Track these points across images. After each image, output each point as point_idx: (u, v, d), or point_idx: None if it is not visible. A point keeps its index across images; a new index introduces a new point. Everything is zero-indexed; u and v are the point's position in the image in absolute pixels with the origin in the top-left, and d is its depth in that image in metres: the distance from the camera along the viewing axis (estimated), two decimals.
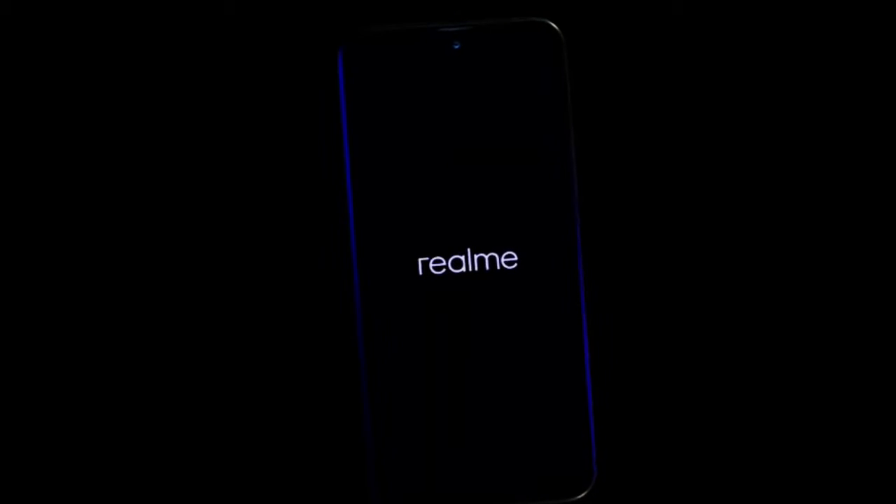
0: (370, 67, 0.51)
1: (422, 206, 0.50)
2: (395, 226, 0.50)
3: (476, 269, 0.50)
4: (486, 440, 0.49)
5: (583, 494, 0.49)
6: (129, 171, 0.51)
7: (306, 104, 0.52)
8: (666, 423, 0.51)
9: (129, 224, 0.51)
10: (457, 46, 0.52)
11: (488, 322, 0.50)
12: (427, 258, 0.50)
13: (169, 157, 0.51)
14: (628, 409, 0.51)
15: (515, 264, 0.50)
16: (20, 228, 0.50)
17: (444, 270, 0.50)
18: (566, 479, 0.49)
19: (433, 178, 0.51)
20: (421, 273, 0.50)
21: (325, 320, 0.51)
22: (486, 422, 0.49)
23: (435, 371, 0.50)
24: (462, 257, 0.50)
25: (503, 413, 0.49)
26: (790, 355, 0.52)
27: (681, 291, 0.52)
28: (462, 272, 0.50)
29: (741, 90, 0.52)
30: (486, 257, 0.50)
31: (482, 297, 0.50)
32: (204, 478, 0.51)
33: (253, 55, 0.52)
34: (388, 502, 0.49)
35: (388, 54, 0.51)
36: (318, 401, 0.51)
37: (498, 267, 0.50)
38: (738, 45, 0.52)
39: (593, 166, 0.52)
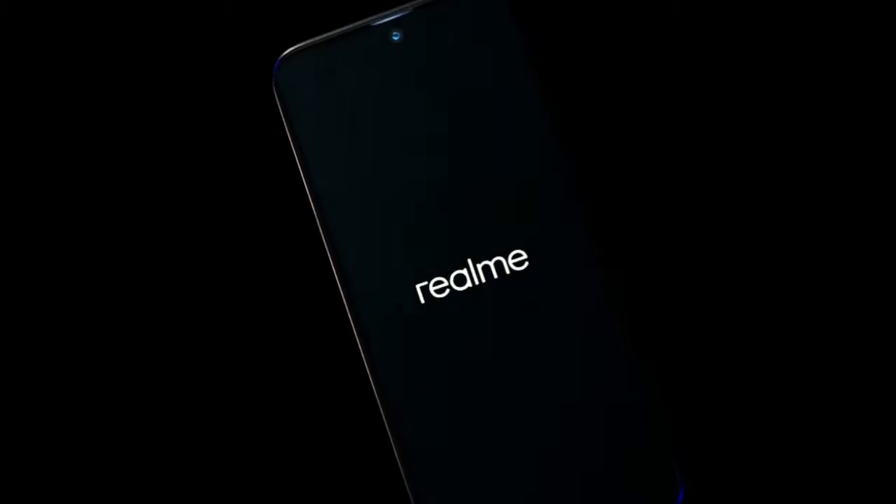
0: (310, 83, 0.44)
1: (405, 225, 0.43)
2: (381, 255, 0.43)
3: (483, 280, 0.43)
4: (538, 466, 0.42)
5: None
6: (118, 177, 0.46)
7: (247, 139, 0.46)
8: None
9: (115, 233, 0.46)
10: (396, 38, 0.45)
11: (510, 336, 0.42)
12: (426, 282, 0.43)
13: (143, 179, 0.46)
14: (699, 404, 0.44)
15: (525, 264, 0.43)
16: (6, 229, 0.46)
17: (447, 291, 0.43)
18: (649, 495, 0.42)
19: (409, 190, 0.44)
20: (423, 301, 0.43)
21: (336, 370, 0.44)
22: (536, 445, 0.42)
23: (465, 401, 0.42)
24: (464, 271, 0.43)
25: (553, 434, 0.42)
26: (804, 347, 0.45)
27: (705, 269, 0.45)
28: (468, 288, 0.43)
29: (736, 72, 0.47)
30: (491, 264, 0.43)
31: (497, 311, 0.43)
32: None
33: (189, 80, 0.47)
34: None
35: (326, 64, 0.45)
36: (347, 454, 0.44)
37: (507, 272, 0.43)
38: (729, 23, 0.47)
39: (591, 141, 0.46)
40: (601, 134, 0.46)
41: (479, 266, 0.43)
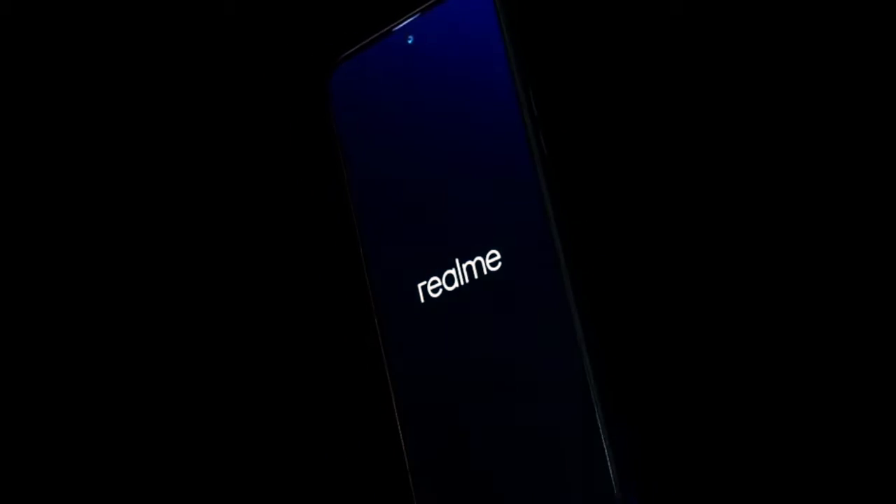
0: (354, 90, 0.48)
1: (413, 224, 0.46)
2: (397, 252, 0.46)
3: (467, 280, 0.44)
4: (507, 461, 0.42)
5: None
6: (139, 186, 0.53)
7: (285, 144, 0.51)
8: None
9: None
10: (410, 41, 0.47)
11: (492, 332, 0.43)
12: (425, 282, 0.45)
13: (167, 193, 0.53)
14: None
15: (500, 264, 0.43)
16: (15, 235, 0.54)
17: (440, 291, 0.45)
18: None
19: (417, 191, 0.46)
20: (423, 300, 0.45)
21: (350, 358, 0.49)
22: (508, 440, 0.43)
23: (452, 400, 0.44)
24: (453, 271, 0.45)
25: (516, 438, 0.42)
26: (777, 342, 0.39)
27: (670, 269, 0.42)
28: (456, 287, 0.44)
29: (710, 72, 0.42)
30: (473, 264, 0.44)
31: (479, 309, 0.44)
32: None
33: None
34: None
35: (364, 70, 0.48)
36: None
37: (485, 272, 0.44)
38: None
39: (583, 140, 0.44)
40: (594, 134, 0.44)
41: (464, 266, 0.44)
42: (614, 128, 0.44)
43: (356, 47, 0.48)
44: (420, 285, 0.45)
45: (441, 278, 0.45)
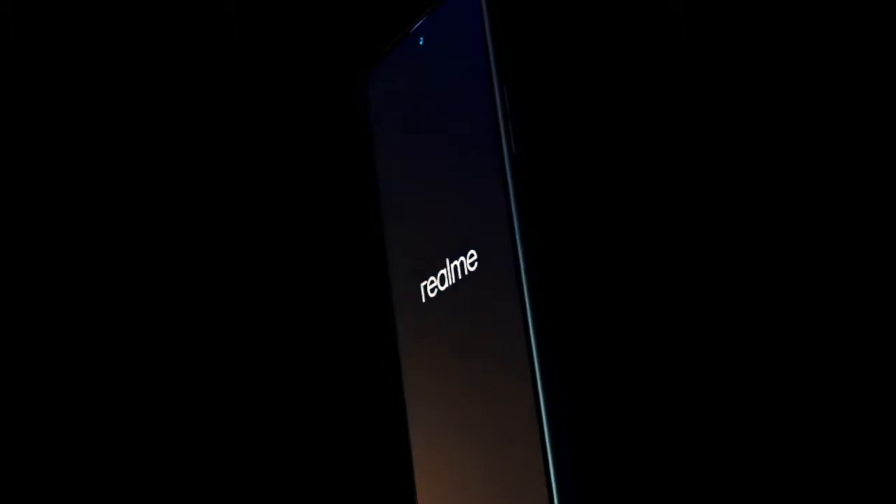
0: (384, 93, 0.49)
1: (419, 223, 0.46)
2: (408, 252, 0.47)
3: (454, 280, 0.44)
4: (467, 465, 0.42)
5: None
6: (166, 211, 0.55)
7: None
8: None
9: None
10: (421, 42, 0.47)
11: (468, 332, 0.43)
12: (426, 282, 0.45)
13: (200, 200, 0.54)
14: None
15: (476, 264, 0.43)
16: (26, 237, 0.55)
17: (436, 291, 0.45)
18: None
19: (422, 189, 0.46)
20: (424, 300, 0.45)
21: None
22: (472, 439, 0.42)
23: (452, 394, 0.44)
24: (445, 271, 0.44)
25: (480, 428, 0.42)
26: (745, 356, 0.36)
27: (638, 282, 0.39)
28: (448, 287, 0.44)
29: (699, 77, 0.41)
30: (458, 264, 0.44)
31: (463, 309, 0.43)
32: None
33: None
34: None
35: (391, 72, 0.49)
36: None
37: (466, 272, 0.43)
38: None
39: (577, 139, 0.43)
40: (574, 133, 0.43)
41: (452, 266, 0.44)
42: (596, 128, 0.43)
43: (382, 53, 0.49)
44: (422, 285, 0.46)
45: (437, 278, 0.45)
